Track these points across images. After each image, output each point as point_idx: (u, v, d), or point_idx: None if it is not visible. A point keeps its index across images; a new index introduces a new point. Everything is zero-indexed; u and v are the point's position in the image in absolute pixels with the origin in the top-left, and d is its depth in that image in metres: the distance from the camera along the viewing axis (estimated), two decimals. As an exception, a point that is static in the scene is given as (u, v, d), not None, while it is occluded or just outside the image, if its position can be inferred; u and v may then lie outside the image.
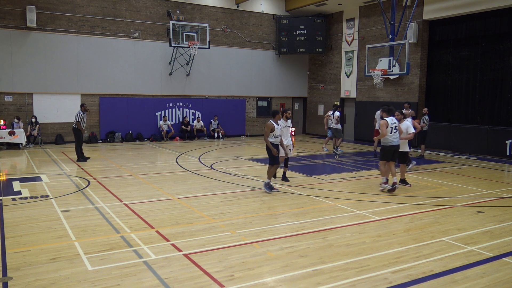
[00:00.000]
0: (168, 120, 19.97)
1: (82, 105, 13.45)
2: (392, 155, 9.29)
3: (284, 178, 10.40)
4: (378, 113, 14.07)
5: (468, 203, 8.51)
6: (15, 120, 16.26)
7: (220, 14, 21.03)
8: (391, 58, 16.27)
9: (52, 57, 17.41)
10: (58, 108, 17.79)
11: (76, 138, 13.17)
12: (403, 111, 10.56)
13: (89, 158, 13.59)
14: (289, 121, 10.24)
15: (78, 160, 13.15)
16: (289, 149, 10.11)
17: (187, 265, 5.15)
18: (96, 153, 15.19)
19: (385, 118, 9.18)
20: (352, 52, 21.19)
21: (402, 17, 16.86)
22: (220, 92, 21.51)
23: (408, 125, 9.95)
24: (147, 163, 13.31)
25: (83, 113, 13.13)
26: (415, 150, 16.23)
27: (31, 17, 16.57)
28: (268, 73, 22.74)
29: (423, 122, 14.56)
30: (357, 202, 8.49)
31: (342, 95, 21.87)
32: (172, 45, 18.51)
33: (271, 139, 9.02)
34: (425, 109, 15.00)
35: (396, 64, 16.30)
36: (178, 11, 19.70)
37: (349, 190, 9.53)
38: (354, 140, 20.92)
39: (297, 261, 5.33)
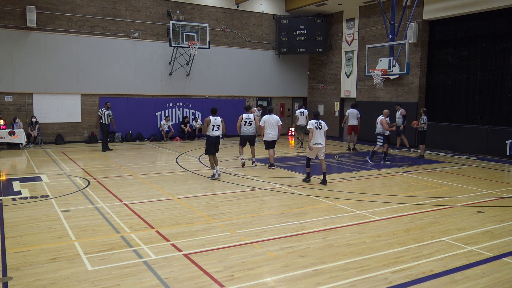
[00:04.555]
0: (169, 120, 19.95)
1: (106, 103, 15.89)
2: (245, 142, 12.48)
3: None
4: (349, 110, 16.47)
5: (468, 203, 8.52)
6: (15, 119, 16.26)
7: (220, 14, 21.02)
8: (391, 58, 16.25)
9: (52, 57, 17.40)
10: (58, 108, 17.78)
11: (106, 132, 15.73)
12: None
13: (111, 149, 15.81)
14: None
15: (104, 150, 15.39)
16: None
17: (187, 265, 5.16)
18: (96, 153, 15.19)
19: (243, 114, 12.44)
20: (352, 52, 21.18)
21: (402, 17, 16.84)
22: (220, 92, 21.51)
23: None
24: (147, 163, 13.31)
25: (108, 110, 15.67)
26: (415, 150, 16.24)
27: (31, 17, 16.55)
28: (268, 73, 22.73)
29: (422, 122, 14.56)
30: (357, 202, 8.49)
31: (342, 95, 21.86)
32: (172, 45, 18.49)
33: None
34: (423, 109, 15.00)
35: (396, 64, 16.28)
36: (178, 11, 19.70)
37: (349, 190, 9.53)
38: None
39: (297, 261, 5.33)
